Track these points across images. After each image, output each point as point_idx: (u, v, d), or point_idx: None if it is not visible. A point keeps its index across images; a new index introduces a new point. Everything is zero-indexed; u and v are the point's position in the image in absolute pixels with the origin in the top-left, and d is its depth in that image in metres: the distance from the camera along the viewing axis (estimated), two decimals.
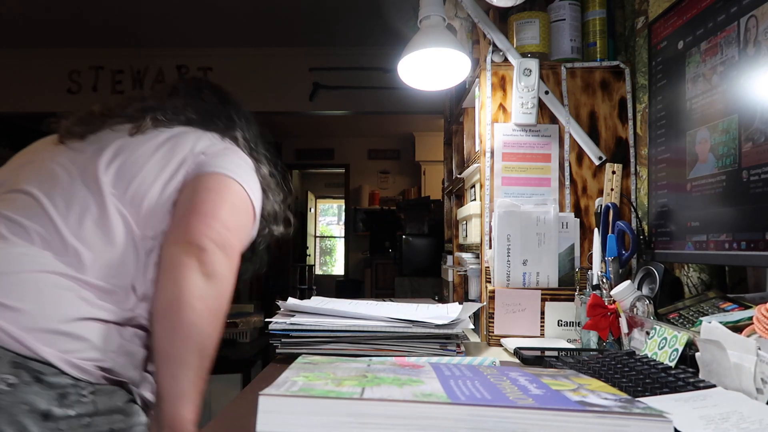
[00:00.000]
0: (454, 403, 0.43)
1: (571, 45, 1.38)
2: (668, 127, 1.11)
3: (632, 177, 1.34)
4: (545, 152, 1.35)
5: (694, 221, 1.01)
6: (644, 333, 0.93)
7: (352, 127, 6.65)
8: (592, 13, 1.39)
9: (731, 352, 0.67)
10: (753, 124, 0.86)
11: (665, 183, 1.12)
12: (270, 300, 6.08)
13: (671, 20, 1.11)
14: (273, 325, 1.00)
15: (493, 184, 1.34)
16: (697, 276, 1.16)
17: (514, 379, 0.52)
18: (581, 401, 0.44)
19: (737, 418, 0.56)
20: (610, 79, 1.36)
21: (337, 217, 10.27)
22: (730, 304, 0.96)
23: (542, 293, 1.26)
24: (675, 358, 0.78)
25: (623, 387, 0.70)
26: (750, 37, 0.87)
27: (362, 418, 0.42)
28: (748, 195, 0.87)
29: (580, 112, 1.36)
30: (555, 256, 1.28)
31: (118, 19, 3.92)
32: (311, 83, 4.42)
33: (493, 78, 1.36)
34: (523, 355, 1.00)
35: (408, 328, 1.00)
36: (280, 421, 0.42)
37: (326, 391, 0.44)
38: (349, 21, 3.88)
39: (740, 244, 0.89)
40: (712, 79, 0.97)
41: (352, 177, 7.43)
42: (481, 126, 1.37)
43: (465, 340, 1.05)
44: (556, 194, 1.34)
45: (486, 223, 1.34)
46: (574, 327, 1.23)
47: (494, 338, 1.25)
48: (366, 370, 0.54)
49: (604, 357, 0.89)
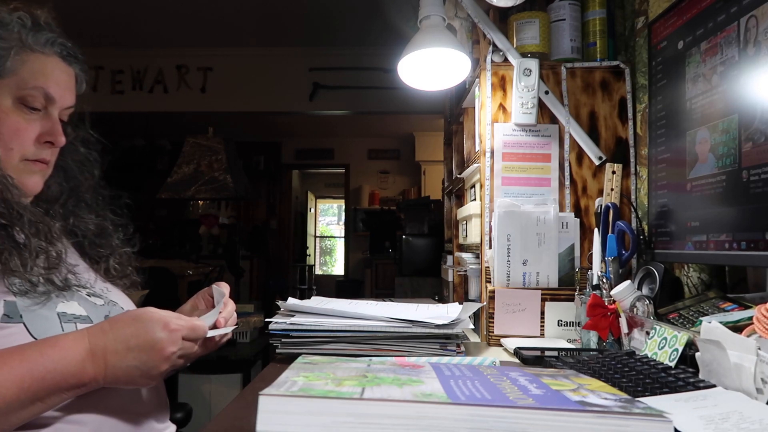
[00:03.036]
0: (454, 403, 0.43)
1: (571, 45, 1.38)
2: (668, 127, 1.11)
3: (632, 177, 1.34)
4: (545, 152, 1.35)
5: (694, 221, 1.01)
6: (644, 333, 0.93)
7: (352, 127, 6.65)
8: (592, 13, 1.39)
9: (731, 352, 0.67)
10: (753, 124, 0.86)
11: (665, 183, 1.12)
12: (270, 300, 6.09)
13: (671, 20, 1.11)
14: (273, 325, 1.00)
15: (493, 184, 1.34)
16: (697, 276, 1.16)
17: (514, 379, 0.52)
18: (581, 401, 0.44)
19: (737, 418, 0.56)
20: (610, 79, 1.36)
21: (337, 217, 10.27)
22: (730, 304, 0.96)
23: (542, 293, 1.26)
24: (675, 358, 0.78)
25: (623, 387, 0.70)
26: (750, 37, 0.87)
27: (362, 418, 0.42)
28: (748, 195, 0.87)
29: (580, 112, 1.36)
30: (555, 256, 1.28)
31: (118, 19, 3.92)
32: (311, 83, 4.43)
33: (493, 78, 1.36)
34: (523, 355, 1.00)
35: (408, 328, 1.00)
36: (280, 421, 0.42)
37: (326, 391, 0.44)
38: (349, 21, 3.88)
39: (740, 244, 0.89)
40: (712, 79, 0.97)
41: (352, 177, 7.43)
42: (481, 126, 1.37)
43: (465, 340, 1.05)
44: (556, 194, 1.34)
45: (486, 223, 1.34)
46: (574, 327, 1.23)
47: (494, 338, 1.25)
48: (366, 370, 0.54)
49: (604, 357, 0.89)
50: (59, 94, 0.87)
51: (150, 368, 0.72)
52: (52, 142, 0.88)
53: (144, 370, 0.72)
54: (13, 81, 0.84)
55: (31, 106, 0.85)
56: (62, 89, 0.88)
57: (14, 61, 0.84)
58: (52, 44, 0.88)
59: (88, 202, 1.02)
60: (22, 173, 0.86)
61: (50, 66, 0.87)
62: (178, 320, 0.75)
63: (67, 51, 0.91)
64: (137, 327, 0.73)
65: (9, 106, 0.84)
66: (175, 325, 0.74)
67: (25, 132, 0.85)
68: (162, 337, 0.72)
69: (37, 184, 0.89)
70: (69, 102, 0.91)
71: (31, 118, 0.85)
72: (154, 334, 0.72)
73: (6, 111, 0.83)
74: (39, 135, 0.86)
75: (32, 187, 0.88)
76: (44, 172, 0.90)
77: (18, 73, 0.84)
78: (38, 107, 0.85)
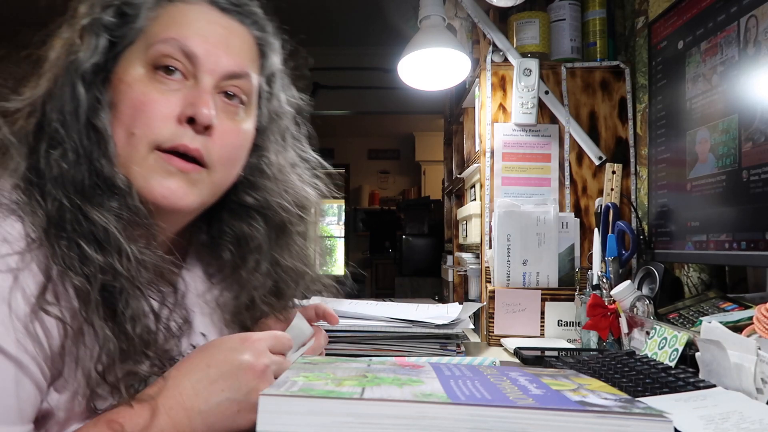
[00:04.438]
0: (454, 403, 0.43)
1: (571, 45, 1.38)
2: (668, 127, 1.11)
3: (632, 177, 1.34)
4: (545, 152, 1.35)
5: (694, 221, 1.01)
6: (644, 333, 0.93)
7: (352, 127, 6.65)
8: (592, 13, 1.39)
9: (731, 352, 0.67)
10: (753, 124, 0.86)
11: (665, 183, 1.12)
12: None
13: (671, 20, 1.11)
14: None
15: (493, 184, 1.34)
16: (697, 276, 1.16)
17: (514, 379, 0.52)
18: (581, 401, 0.44)
19: (737, 418, 0.56)
20: (610, 79, 1.36)
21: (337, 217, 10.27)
22: (730, 304, 0.96)
23: (542, 293, 1.26)
24: (675, 358, 0.78)
25: (623, 387, 0.70)
26: (750, 37, 0.87)
27: (362, 418, 0.42)
28: (748, 195, 0.87)
29: (580, 112, 1.36)
30: (555, 256, 1.28)
31: None
32: (311, 83, 4.42)
33: (493, 78, 1.36)
34: (523, 355, 1.00)
35: (408, 328, 1.00)
36: (280, 421, 0.42)
37: (326, 391, 0.44)
38: (349, 21, 3.88)
39: (740, 244, 0.89)
40: (712, 79, 0.97)
41: (352, 177, 7.43)
42: (481, 126, 1.37)
43: (465, 340, 1.05)
44: (556, 194, 1.34)
45: (486, 223, 1.34)
46: (574, 327, 1.23)
47: (494, 338, 1.25)
48: (366, 370, 0.54)
49: (604, 357, 0.89)
50: (207, 51, 0.60)
51: (247, 394, 0.54)
52: (193, 116, 0.58)
53: (240, 400, 0.54)
54: (143, 41, 0.60)
55: (164, 67, 0.59)
56: (212, 45, 0.61)
57: (146, 18, 0.61)
58: None
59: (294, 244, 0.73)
60: (152, 173, 0.58)
61: (192, 14, 0.62)
62: (255, 333, 0.59)
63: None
64: (210, 354, 0.56)
65: (140, 75, 0.59)
66: (255, 337, 0.58)
67: (154, 104, 0.58)
68: (244, 351, 0.56)
69: (175, 194, 0.59)
70: (229, 65, 0.62)
71: (169, 88, 0.59)
72: (234, 353, 0.55)
73: (130, 82, 0.58)
74: (179, 111, 0.58)
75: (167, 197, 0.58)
76: (190, 175, 0.60)
77: (148, 30, 0.60)
78: (176, 68, 0.59)
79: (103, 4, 0.60)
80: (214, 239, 0.71)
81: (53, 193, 0.53)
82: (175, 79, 0.59)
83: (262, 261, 0.70)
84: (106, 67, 0.59)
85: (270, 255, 0.71)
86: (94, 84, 0.58)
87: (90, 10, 0.60)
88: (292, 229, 0.72)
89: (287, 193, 0.72)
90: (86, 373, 0.52)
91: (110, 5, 0.60)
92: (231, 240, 0.70)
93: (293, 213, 0.71)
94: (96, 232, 0.53)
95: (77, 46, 0.58)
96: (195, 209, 0.63)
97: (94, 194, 0.55)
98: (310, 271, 0.76)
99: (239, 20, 0.65)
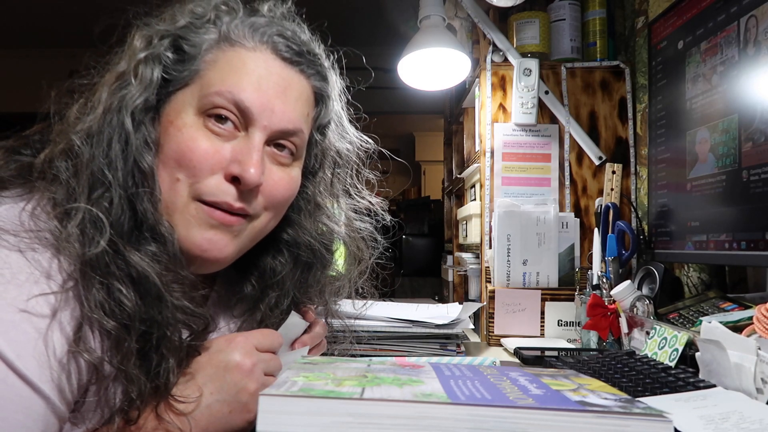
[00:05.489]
0: (454, 403, 0.43)
1: (571, 45, 1.38)
2: (668, 127, 1.11)
3: (632, 177, 1.34)
4: (545, 152, 1.35)
5: (694, 221, 1.01)
6: (644, 333, 0.93)
7: None
8: (592, 13, 1.39)
9: (731, 352, 0.67)
10: (753, 124, 0.86)
11: (665, 183, 1.12)
12: None
13: (671, 20, 1.11)
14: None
15: (493, 184, 1.34)
16: (697, 276, 1.16)
17: (514, 379, 0.52)
18: (581, 401, 0.44)
19: (737, 418, 0.56)
20: (610, 79, 1.36)
21: None
22: (730, 304, 0.96)
23: (542, 293, 1.26)
24: (675, 358, 0.78)
25: (623, 387, 0.70)
26: (750, 37, 0.87)
27: (362, 418, 0.42)
28: (748, 195, 0.87)
29: (580, 112, 1.36)
30: (555, 256, 1.28)
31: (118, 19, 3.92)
32: None
33: (493, 78, 1.36)
34: (523, 355, 1.00)
35: (408, 328, 1.00)
36: (280, 421, 0.42)
37: (326, 391, 0.44)
38: (349, 21, 3.88)
39: (740, 244, 0.89)
40: (712, 79, 0.97)
41: None
42: (481, 126, 1.37)
43: (465, 340, 1.05)
44: (556, 194, 1.34)
45: (486, 223, 1.34)
46: (574, 327, 1.23)
47: (494, 338, 1.25)
48: (366, 370, 0.54)
49: (604, 357, 0.89)
50: (261, 105, 0.58)
51: (237, 393, 0.55)
52: (240, 177, 0.56)
53: (230, 400, 0.54)
54: (197, 87, 0.58)
55: (216, 115, 0.57)
56: (267, 99, 0.58)
57: (204, 61, 0.59)
58: (262, 35, 0.60)
59: (316, 284, 0.73)
60: (193, 222, 0.57)
61: (252, 64, 0.59)
62: (241, 333, 0.59)
63: (287, 44, 0.61)
64: (197, 359, 0.56)
65: (191, 120, 0.57)
66: (241, 336, 0.58)
67: (202, 153, 0.56)
68: (230, 351, 0.56)
69: (215, 246, 0.58)
70: (282, 123, 0.59)
71: (219, 138, 0.57)
72: (221, 354, 0.56)
73: (180, 126, 0.56)
74: (225, 165, 0.57)
75: (207, 250, 0.57)
76: (233, 228, 0.59)
77: (205, 74, 0.58)
78: (228, 118, 0.57)
79: (161, 35, 0.59)
80: (239, 272, 0.70)
81: (92, 232, 0.51)
82: (227, 128, 0.57)
83: (283, 298, 0.69)
84: (157, 106, 0.58)
85: (291, 293, 0.70)
86: (143, 123, 0.56)
87: (147, 42, 0.59)
88: (318, 269, 0.72)
89: (321, 234, 0.71)
90: (108, 408, 0.52)
91: (168, 35, 0.59)
92: (255, 273, 0.69)
93: (320, 253, 0.71)
94: (136, 278, 0.52)
95: (130, 78, 0.57)
96: (233, 258, 0.62)
97: (136, 238, 0.54)
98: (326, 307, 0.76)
99: (300, 70, 0.63)
